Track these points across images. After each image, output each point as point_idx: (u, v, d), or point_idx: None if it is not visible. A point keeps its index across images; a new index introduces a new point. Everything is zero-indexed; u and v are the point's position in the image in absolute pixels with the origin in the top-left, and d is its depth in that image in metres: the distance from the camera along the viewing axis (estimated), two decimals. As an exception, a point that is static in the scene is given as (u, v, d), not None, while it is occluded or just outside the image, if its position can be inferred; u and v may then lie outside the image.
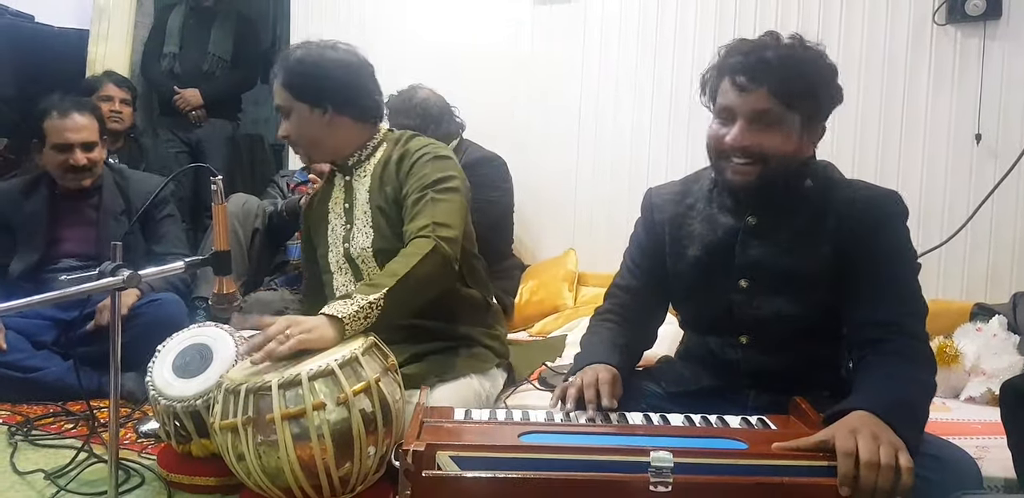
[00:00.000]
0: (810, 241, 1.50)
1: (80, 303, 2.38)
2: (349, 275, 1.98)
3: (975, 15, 2.82)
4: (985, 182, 2.85)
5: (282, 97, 1.92)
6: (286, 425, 1.40)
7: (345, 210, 2.01)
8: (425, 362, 1.86)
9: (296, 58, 1.92)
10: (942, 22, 2.91)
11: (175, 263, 1.56)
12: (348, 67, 1.94)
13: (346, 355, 1.47)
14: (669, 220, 1.64)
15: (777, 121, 1.44)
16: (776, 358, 1.55)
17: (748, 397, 1.59)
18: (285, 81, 1.91)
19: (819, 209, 1.50)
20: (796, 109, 1.44)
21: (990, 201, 2.81)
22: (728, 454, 1.23)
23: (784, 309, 1.51)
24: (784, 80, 1.42)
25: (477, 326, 2.01)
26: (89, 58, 3.80)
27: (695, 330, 1.69)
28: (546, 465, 1.21)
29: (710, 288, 1.58)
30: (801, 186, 1.52)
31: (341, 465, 1.44)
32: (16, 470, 1.86)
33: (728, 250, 1.55)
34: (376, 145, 2.01)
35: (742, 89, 1.45)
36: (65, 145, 2.59)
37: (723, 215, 1.57)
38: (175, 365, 1.73)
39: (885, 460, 1.16)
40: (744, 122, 1.45)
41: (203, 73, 4.02)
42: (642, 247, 1.70)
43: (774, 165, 1.46)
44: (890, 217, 1.49)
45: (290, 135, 1.95)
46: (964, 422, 2.10)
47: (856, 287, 1.46)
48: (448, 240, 1.75)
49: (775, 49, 1.45)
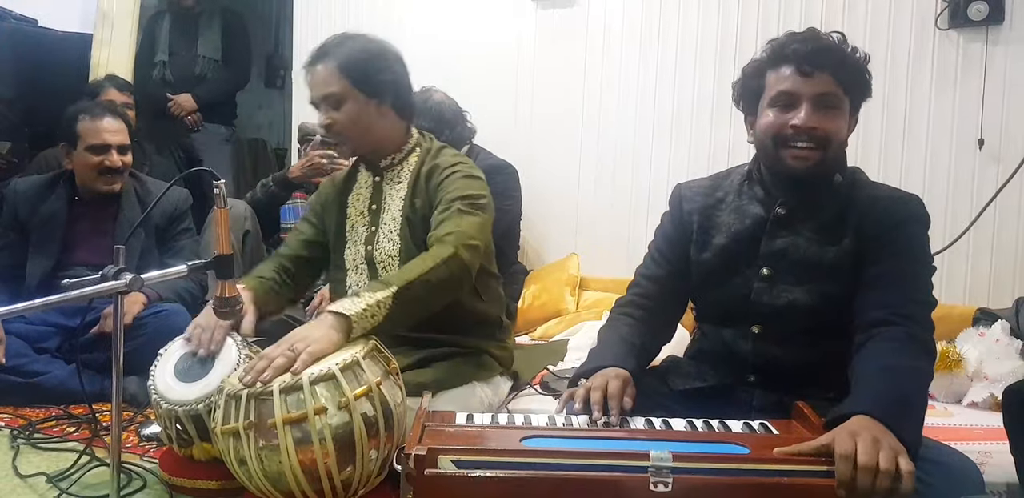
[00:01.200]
0: (833, 235, 1.54)
1: (84, 310, 2.39)
2: (365, 276, 1.97)
3: (978, 20, 2.83)
4: (988, 187, 2.85)
5: (337, 84, 1.87)
6: (288, 430, 1.40)
7: (371, 211, 1.99)
8: (430, 368, 1.85)
9: (358, 47, 1.90)
10: (944, 27, 2.91)
11: (178, 267, 1.56)
12: (401, 62, 1.96)
13: (347, 359, 1.47)
14: (698, 210, 1.67)
15: (837, 106, 1.52)
16: (786, 351, 1.57)
17: (753, 396, 1.59)
18: (345, 68, 1.87)
19: (844, 204, 1.56)
20: (850, 95, 1.53)
21: (993, 206, 2.81)
22: (729, 458, 1.23)
23: (800, 299, 1.55)
24: (844, 66, 1.51)
25: (486, 339, 2.01)
26: (92, 63, 3.81)
27: (710, 321, 1.70)
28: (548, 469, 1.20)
29: (732, 275, 1.61)
30: (831, 180, 1.58)
31: (343, 469, 1.43)
32: (18, 473, 1.86)
33: (754, 239, 1.59)
34: (410, 150, 2.00)
35: (806, 74, 1.50)
36: (103, 146, 2.61)
37: (753, 206, 1.62)
38: (177, 369, 1.73)
39: (884, 464, 1.16)
40: (810, 106, 1.50)
41: (195, 76, 4.01)
42: (668, 237, 1.72)
43: (832, 151, 1.52)
44: (910, 218, 1.53)
45: (336, 124, 1.90)
46: (967, 427, 2.10)
47: (869, 279, 1.50)
48: (469, 248, 1.75)
49: (829, 40, 1.54)
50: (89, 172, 2.64)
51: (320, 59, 1.90)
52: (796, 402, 1.46)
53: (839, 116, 1.52)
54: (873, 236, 1.51)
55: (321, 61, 1.89)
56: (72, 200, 2.71)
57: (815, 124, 1.50)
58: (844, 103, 1.52)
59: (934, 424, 2.09)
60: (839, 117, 1.52)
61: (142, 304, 2.47)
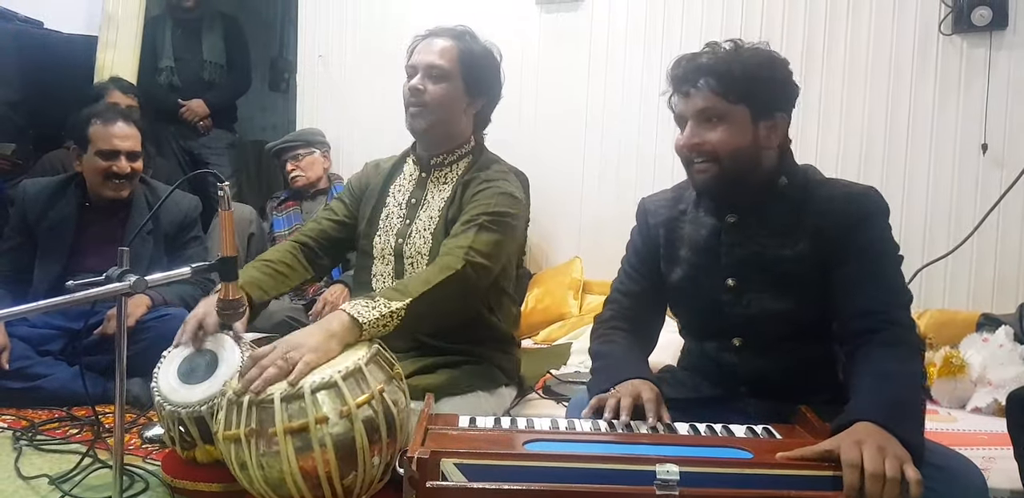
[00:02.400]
0: (789, 238, 1.54)
1: (87, 313, 2.38)
2: (391, 267, 1.97)
3: (981, 25, 2.83)
4: (991, 192, 2.85)
5: (450, 63, 1.90)
6: (289, 438, 1.39)
7: (409, 204, 1.99)
8: (435, 374, 1.85)
9: (484, 48, 1.96)
10: (948, 32, 2.91)
11: (182, 269, 1.56)
12: (501, 85, 2.02)
13: (350, 366, 1.46)
14: (663, 223, 1.68)
15: (721, 117, 1.51)
16: (771, 361, 1.57)
17: (749, 406, 1.59)
18: (465, 55, 1.91)
19: (796, 207, 1.54)
20: (740, 103, 1.50)
21: (996, 211, 2.80)
22: (733, 463, 1.23)
23: (771, 306, 1.54)
24: (719, 76, 1.49)
25: (494, 350, 2.01)
26: (97, 65, 3.81)
27: (692, 336, 1.71)
28: (551, 473, 1.20)
29: (700, 289, 1.61)
30: (775, 184, 1.57)
31: (345, 476, 1.43)
32: (21, 475, 1.86)
33: (715, 250, 1.59)
34: (463, 154, 2.00)
35: (685, 94, 1.54)
36: (112, 152, 2.60)
37: (707, 216, 1.63)
38: (180, 371, 1.73)
39: (891, 472, 1.16)
40: (693, 123, 1.54)
41: (204, 82, 4.02)
42: (638, 252, 1.73)
43: (728, 161, 1.52)
44: (869, 214, 1.51)
45: (427, 94, 1.90)
46: (970, 432, 2.10)
47: (840, 282, 1.49)
48: (478, 267, 1.75)
49: (709, 54, 1.54)
50: (97, 177, 2.62)
51: (446, 35, 1.94)
52: (799, 406, 1.46)
53: (725, 127, 1.50)
54: (834, 237, 1.50)
55: (447, 37, 1.93)
56: (82, 205, 2.69)
57: (697, 140, 1.52)
58: (733, 112, 1.50)
59: (938, 429, 2.08)
60: (725, 128, 1.50)
61: (146, 307, 2.47)
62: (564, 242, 3.53)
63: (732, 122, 1.51)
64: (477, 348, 1.96)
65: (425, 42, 1.94)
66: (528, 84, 3.57)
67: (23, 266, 2.64)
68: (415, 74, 1.92)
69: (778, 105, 1.54)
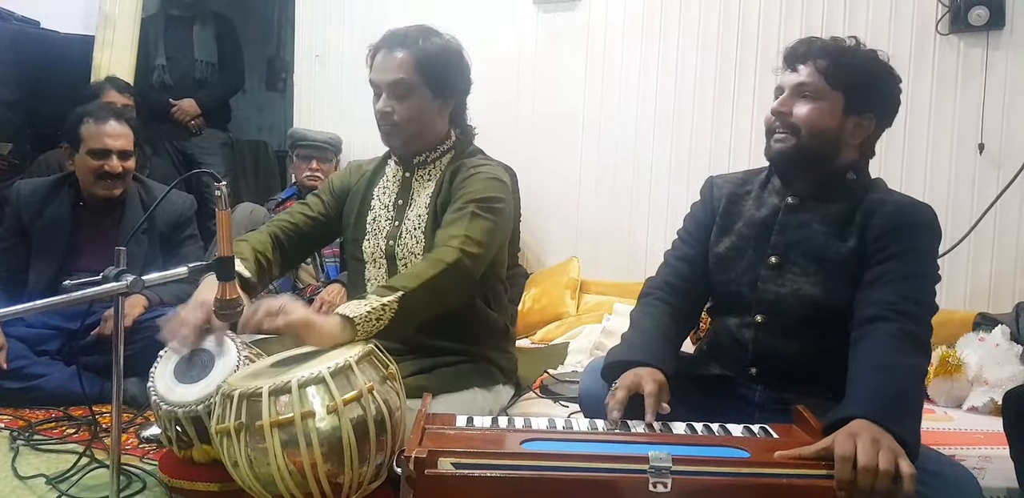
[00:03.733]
0: (840, 231, 1.58)
1: (84, 313, 2.37)
2: (383, 270, 1.97)
3: (978, 25, 2.83)
4: (988, 192, 2.85)
5: (410, 76, 1.85)
6: (275, 432, 1.39)
7: (396, 205, 1.98)
8: (432, 374, 1.85)
9: (441, 45, 1.89)
10: (945, 32, 2.92)
11: (179, 269, 1.56)
12: (470, 69, 1.96)
13: (339, 363, 1.46)
14: (726, 196, 1.73)
15: (816, 95, 1.57)
16: (786, 342, 1.60)
17: (756, 392, 1.62)
18: (420, 61, 1.85)
19: (854, 204, 1.59)
20: (839, 89, 1.56)
21: (993, 211, 2.81)
22: (730, 462, 1.23)
23: (805, 290, 1.58)
24: (831, 59, 1.56)
25: (491, 348, 2.01)
26: (94, 64, 3.81)
27: (718, 312, 1.74)
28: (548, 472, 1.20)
29: (743, 261, 1.65)
30: (842, 176, 1.61)
31: (332, 474, 1.42)
32: (17, 475, 1.85)
33: (767, 227, 1.64)
34: (445, 150, 1.99)
35: (792, 69, 1.61)
36: (104, 151, 2.58)
37: (770, 196, 1.67)
38: (177, 370, 1.73)
39: (884, 465, 1.17)
40: (787, 94, 1.60)
41: (195, 81, 4.01)
42: (697, 220, 1.77)
43: (807, 138, 1.57)
44: (917, 223, 1.55)
45: (395, 114, 1.88)
46: (966, 432, 2.10)
47: (871, 277, 1.52)
48: (473, 256, 1.74)
49: (828, 40, 1.61)
50: (89, 176, 2.61)
51: (398, 45, 1.87)
52: (797, 406, 1.46)
53: (816, 106, 1.57)
54: (876, 237, 1.53)
55: (398, 48, 1.87)
56: (76, 205, 2.68)
57: (785, 108, 1.59)
58: (827, 95, 1.56)
59: (934, 428, 2.09)
60: (815, 106, 1.56)
61: (143, 307, 2.46)
62: (561, 242, 3.53)
63: (824, 103, 1.57)
64: (474, 346, 1.96)
65: (380, 57, 1.90)
66: (525, 83, 3.57)
67: (18, 267, 2.63)
68: (379, 91, 1.90)
69: (873, 106, 1.60)
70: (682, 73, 3.31)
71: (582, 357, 2.77)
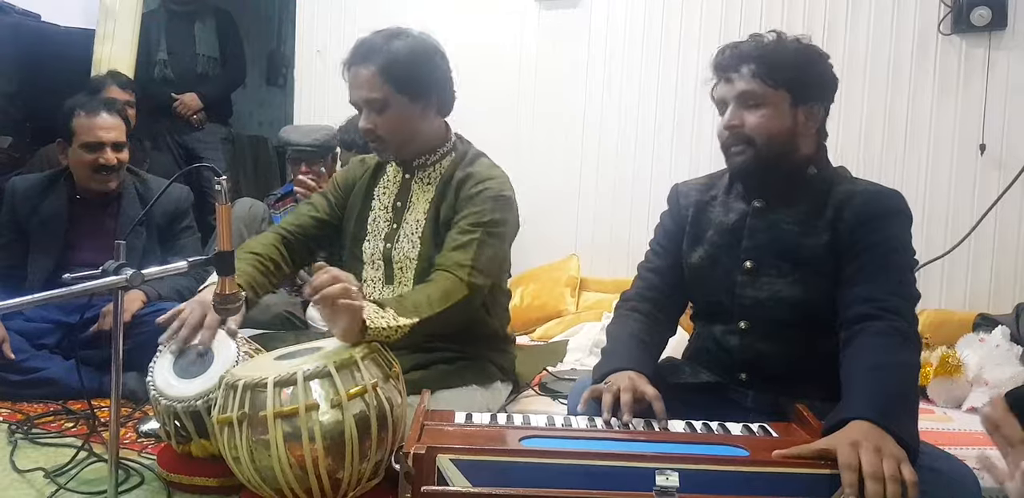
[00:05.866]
0: (811, 227, 1.56)
1: (83, 306, 2.37)
2: (380, 272, 1.96)
3: (980, 25, 2.83)
4: (989, 192, 2.85)
5: (380, 90, 1.82)
6: (279, 423, 1.39)
7: (395, 207, 1.98)
8: (429, 370, 1.85)
9: (402, 48, 1.83)
10: (947, 32, 2.91)
11: (178, 263, 1.56)
12: (444, 58, 1.93)
13: (346, 357, 1.47)
14: (693, 204, 1.72)
15: (761, 100, 1.54)
16: (773, 346, 1.59)
17: (748, 397, 1.61)
18: (388, 73, 1.81)
19: (821, 198, 1.57)
20: (781, 87, 1.54)
21: (994, 211, 2.81)
22: (730, 461, 1.23)
23: (783, 291, 1.57)
24: (762, 61, 1.54)
25: (488, 348, 2.01)
26: (94, 58, 3.80)
27: (702, 319, 1.73)
28: (548, 470, 1.20)
29: (718, 268, 1.64)
30: (803, 173, 1.60)
31: (332, 469, 1.43)
32: (16, 468, 1.85)
33: (738, 232, 1.63)
34: (445, 153, 1.97)
35: (728, 80, 1.58)
36: (96, 144, 2.57)
37: (736, 201, 1.66)
38: (176, 365, 1.73)
39: (889, 472, 1.17)
40: (733, 106, 1.58)
41: (197, 75, 4.01)
42: (667, 230, 1.77)
43: (764, 145, 1.55)
44: (888, 212, 1.54)
45: (379, 129, 1.86)
46: (966, 432, 2.10)
47: (850, 272, 1.51)
48: (481, 287, 1.78)
49: (752, 42, 1.59)
50: (84, 169, 2.60)
51: (362, 61, 1.83)
52: (795, 405, 1.46)
53: (764, 112, 1.54)
54: (850, 229, 1.52)
55: (363, 63, 1.83)
56: (72, 199, 2.67)
57: (736, 121, 1.57)
58: (773, 97, 1.54)
59: (933, 429, 2.09)
60: (764, 113, 1.54)
61: (141, 302, 2.45)
62: (561, 239, 3.52)
63: (772, 106, 1.55)
64: (472, 346, 1.96)
65: (351, 75, 1.86)
66: (527, 81, 3.57)
67: (15, 263, 2.63)
68: (360, 109, 1.89)
69: (817, 93, 1.58)
70: (683, 71, 3.30)
71: (581, 355, 2.77)
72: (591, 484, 1.19)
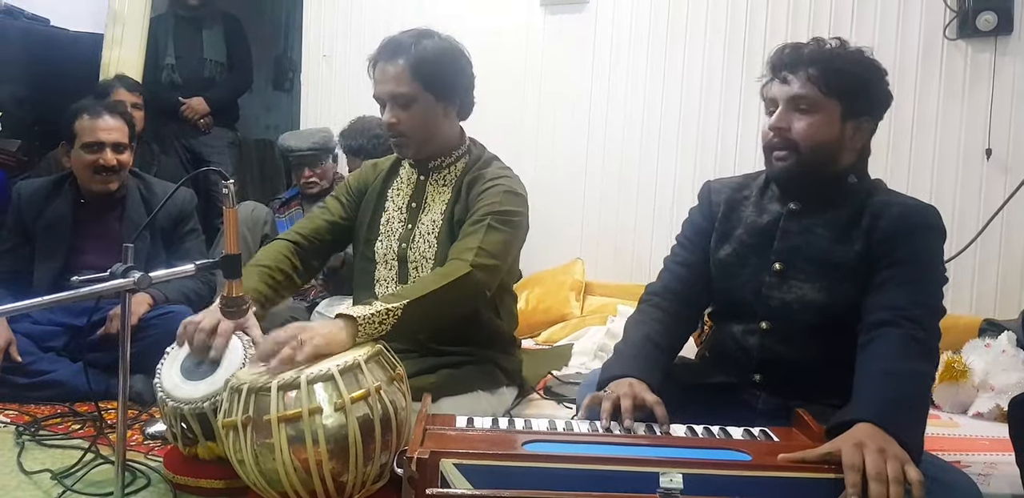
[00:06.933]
0: (846, 235, 1.57)
1: (90, 309, 2.38)
2: (394, 272, 1.97)
3: (986, 30, 2.83)
4: (995, 197, 2.85)
5: (409, 86, 1.84)
6: (282, 427, 1.40)
7: (410, 208, 1.99)
8: (435, 374, 1.85)
9: (434, 48, 1.86)
10: (953, 37, 2.91)
11: (186, 266, 1.57)
12: (470, 64, 1.94)
13: (348, 361, 1.47)
14: (725, 201, 1.71)
15: (813, 107, 1.53)
16: (791, 349, 1.59)
17: (759, 399, 1.61)
18: (418, 70, 1.83)
19: (858, 207, 1.57)
20: (835, 97, 1.52)
21: (1000, 216, 2.81)
22: (732, 465, 1.23)
23: (810, 296, 1.57)
24: (822, 67, 1.52)
25: (495, 352, 2.01)
26: (103, 62, 3.82)
27: (722, 318, 1.73)
28: (551, 474, 1.21)
29: (746, 267, 1.64)
30: (843, 181, 1.60)
31: (336, 472, 1.43)
32: (23, 470, 1.86)
33: (769, 234, 1.63)
34: (460, 155, 1.99)
35: (783, 80, 1.55)
36: (97, 145, 2.59)
37: (771, 203, 1.66)
38: (183, 367, 1.74)
39: (893, 474, 1.17)
40: (783, 108, 1.56)
41: (204, 79, 4.02)
42: (695, 225, 1.76)
43: (808, 153, 1.54)
44: (922, 225, 1.54)
45: (402, 124, 1.88)
46: (972, 438, 2.09)
47: (879, 281, 1.51)
48: (486, 268, 1.75)
49: (815, 46, 1.56)
50: (85, 171, 2.62)
51: (392, 56, 1.86)
52: (796, 409, 1.46)
53: (814, 119, 1.53)
54: (883, 240, 1.52)
55: (393, 59, 1.86)
56: (77, 203, 2.68)
57: (784, 124, 1.55)
58: (825, 105, 1.53)
59: (939, 434, 2.08)
60: (814, 120, 1.53)
61: (148, 305, 2.46)
62: (566, 243, 3.52)
63: (822, 114, 1.53)
64: (479, 349, 1.96)
65: (378, 70, 1.89)
66: (532, 85, 3.57)
67: (22, 267, 2.65)
68: (383, 104, 1.91)
69: (869, 108, 1.57)
70: (689, 75, 3.30)
71: (586, 359, 2.77)
72: (593, 488, 1.19)
